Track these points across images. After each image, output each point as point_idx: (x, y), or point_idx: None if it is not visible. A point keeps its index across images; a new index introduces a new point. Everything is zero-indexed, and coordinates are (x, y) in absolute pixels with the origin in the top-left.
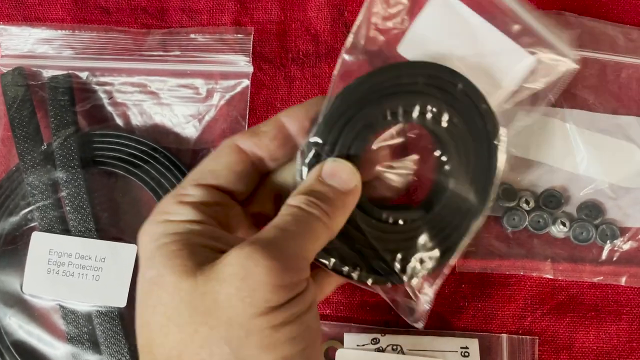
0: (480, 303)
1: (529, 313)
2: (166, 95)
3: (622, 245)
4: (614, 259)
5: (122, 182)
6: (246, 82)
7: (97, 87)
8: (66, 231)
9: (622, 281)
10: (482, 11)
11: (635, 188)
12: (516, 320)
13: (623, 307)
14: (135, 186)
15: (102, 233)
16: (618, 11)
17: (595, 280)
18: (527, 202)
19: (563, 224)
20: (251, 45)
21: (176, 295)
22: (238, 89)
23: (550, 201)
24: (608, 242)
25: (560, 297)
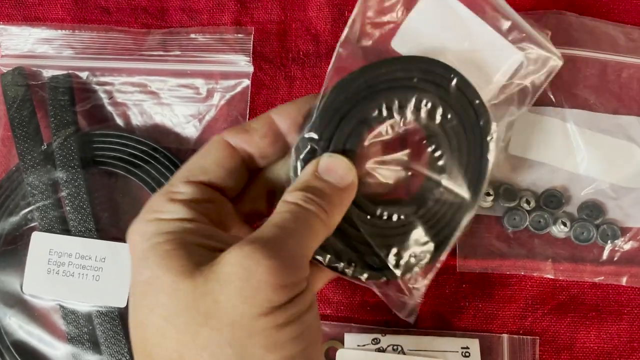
0: (481, 303)
1: (530, 313)
2: (166, 95)
3: (623, 245)
4: (615, 259)
5: (123, 182)
6: (246, 82)
7: (97, 87)
8: (66, 231)
9: (623, 281)
10: (474, 6)
11: (636, 188)
12: (517, 320)
13: (624, 307)
14: (135, 186)
15: (102, 233)
16: (619, 11)
17: (596, 280)
18: (528, 202)
19: (564, 224)
20: (251, 45)
21: (174, 296)
22: (238, 89)
23: (551, 201)
24: (609, 242)
25: (561, 297)
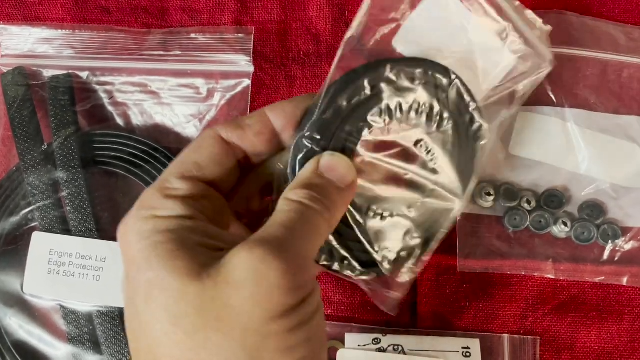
0: (481, 303)
1: (531, 313)
2: (167, 95)
3: (624, 245)
4: (616, 259)
5: (123, 182)
6: (247, 82)
7: (98, 87)
8: (67, 231)
9: (624, 281)
10: (475, 6)
11: (636, 188)
12: (518, 320)
13: (625, 307)
14: (135, 186)
15: (103, 233)
16: (620, 11)
17: (596, 280)
18: (529, 202)
19: (564, 224)
20: (252, 44)
21: (182, 299)
22: (239, 89)
23: (551, 201)
24: (610, 242)
25: (561, 297)
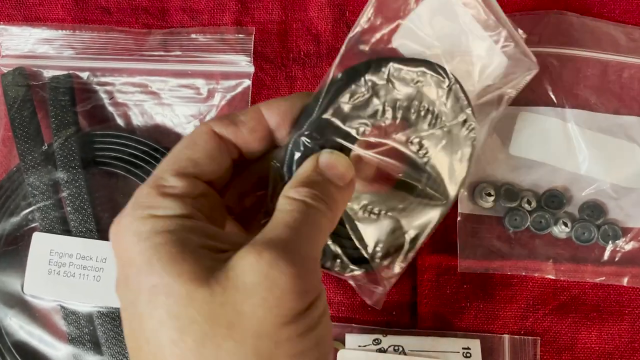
0: (482, 303)
1: (531, 313)
2: (167, 95)
3: (624, 245)
4: (616, 260)
5: (123, 183)
6: (247, 82)
7: (98, 87)
8: (67, 232)
9: (624, 281)
10: (472, 7)
11: (637, 188)
12: (518, 320)
13: (625, 308)
14: (136, 186)
15: (103, 233)
16: (620, 11)
17: (597, 280)
18: (529, 203)
19: (565, 225)
20: (252, 45)
21: (190, 306)
22: (239, 89)
23: (552, 201)
24: (610, 243)
25: (562, 298)
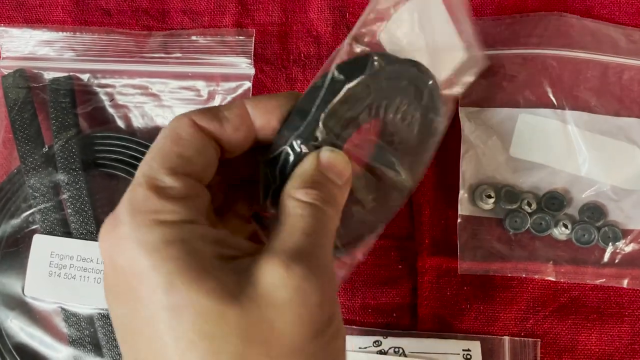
0: (482, 305)
1: (531, 315)
2: (167, 97)
3: (624, 247)
4: (616, 261)
5: (124, 184)
6: (248, 84)
7: (99, 89)
8: (68, 233)
9: (624, 283)
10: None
11: (637, 190)
12: (518, 322)
13: (625, 310)
14: None
15: None
16: (620, 13)
17: (597, 282)
18: (529, 204)
19: (565, 226)
20: (252, 47)
21: (223, 325)
22: (239, 91)
23: (552, 203)
24: (610, 245)
25: (562, 300)
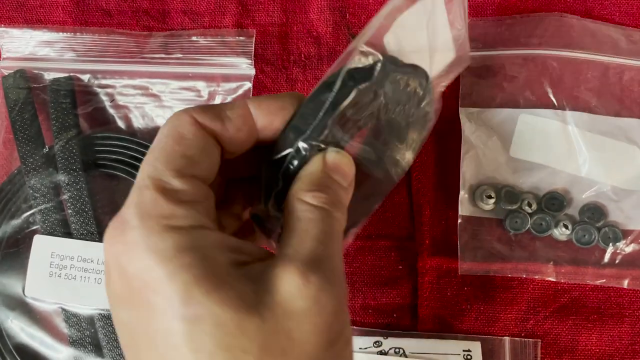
0: (482, 306)
1: (532, 316)
2: (168, 97)
3: (625, 247)
4: (617, 262)
5: (124, 185)
6: (248, 85)
7: (99, 90)
8: (68, 234)
9: (625, 284)
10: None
11: (637, 190)
12: (519, 323)
13: (625, 310)
14: None
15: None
16: (620, 13)
17: (597, 283)
18: (530, 205)
19: (565, 227)
20: (253, 47)
21: (243, 336)
22: (240, 92)
23: (552, 204)
24: (610, 245)
25: (562, 300)
